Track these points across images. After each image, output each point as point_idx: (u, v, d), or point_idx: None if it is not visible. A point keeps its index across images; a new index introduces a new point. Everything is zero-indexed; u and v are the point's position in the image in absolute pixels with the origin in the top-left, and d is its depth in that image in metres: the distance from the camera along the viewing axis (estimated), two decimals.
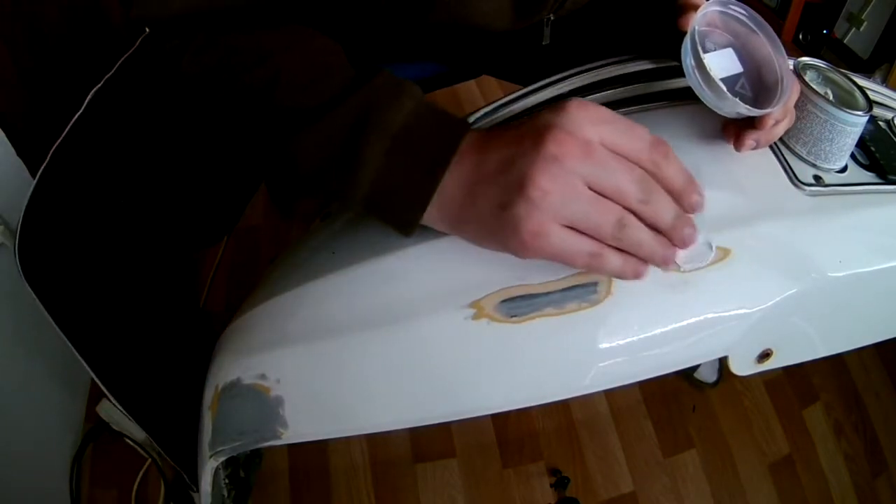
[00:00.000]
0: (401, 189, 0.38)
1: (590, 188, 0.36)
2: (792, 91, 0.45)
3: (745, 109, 0.43)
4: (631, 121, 0.37)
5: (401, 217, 0.40)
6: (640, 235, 0.37)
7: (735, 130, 0.47)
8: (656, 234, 0.38)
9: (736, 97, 0.43)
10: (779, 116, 0.46)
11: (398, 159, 0.38)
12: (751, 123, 0.46)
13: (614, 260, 0.38)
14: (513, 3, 0.55)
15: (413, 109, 0.39)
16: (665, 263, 0.39)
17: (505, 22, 0.56)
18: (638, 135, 0.37)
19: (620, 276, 0.39)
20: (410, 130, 0.39)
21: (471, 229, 0.39)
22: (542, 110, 0.38)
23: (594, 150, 0.36)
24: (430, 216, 0.39)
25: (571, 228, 0.36)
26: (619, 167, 0.36)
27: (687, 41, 0.44)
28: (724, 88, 0.43)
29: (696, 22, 0.44)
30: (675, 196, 0.38)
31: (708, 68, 0.43)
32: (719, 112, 0.45)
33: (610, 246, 0.37)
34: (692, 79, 0.45)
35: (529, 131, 0.37)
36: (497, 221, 0.37)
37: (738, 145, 0.46)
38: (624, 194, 0.36)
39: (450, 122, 0.40)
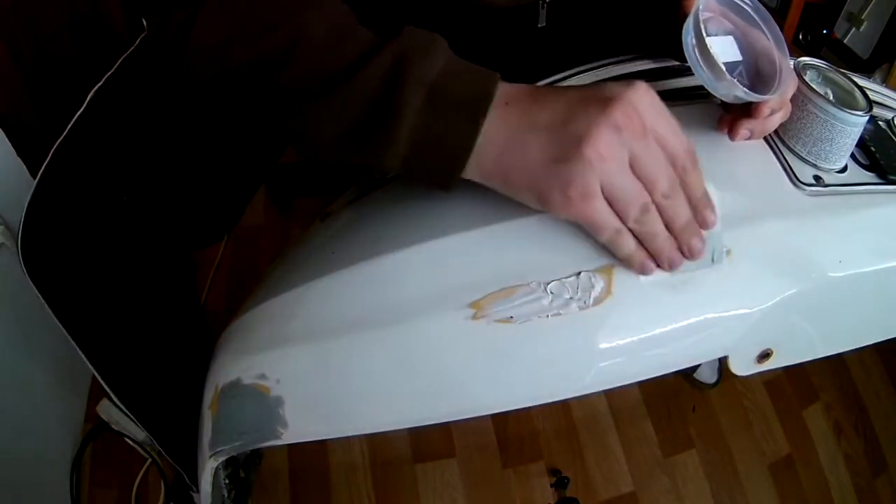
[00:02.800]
0: (442, 139, 0.38)
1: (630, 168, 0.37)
2: (789, 83, 0.45)
3: (741, 92, 0.43)
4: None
5: (443, 170, 0.39)
6: (657, 227, 0.39)
7: (730, 120, 0.47)
8: (669, 235, 0.40)
9: None
10: (775, 106, 0.46)
11: (437, 110, 0.38)
12: (746, 113, 0.46)
13: (630, 244, 0.39)
14: None
15: (445, 60, 0.39)
16: (669, 266, 0.40)
17: None
18: (680, 138, 0.39)
19: (628, 263, 0.40)
20: (446, 80, 0.38)
21: (511, 179, 0.39)
22: (609, 82, 0.39)
23: (648, 134, 0.37)
24: (468, 166, 0.39)
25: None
26: (660, 158, 0.38)
27: (690, 19, 0.44)
28: (724, 68, 0.43)
29: (701, 2, 0.44)
30: (692, 206, 0.40)
31: (709, 46, 0.43)
32: (715, 94, 0.45)
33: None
34: (691, 57, 0.45)
35: (596, 95, 0.38)
36: (545, 173, 0.37)
37: (732, 134, 0.47)
38: (654, 184, 0.38)
39: (483, 72, 0.40)
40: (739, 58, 0.46)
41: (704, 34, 0.43)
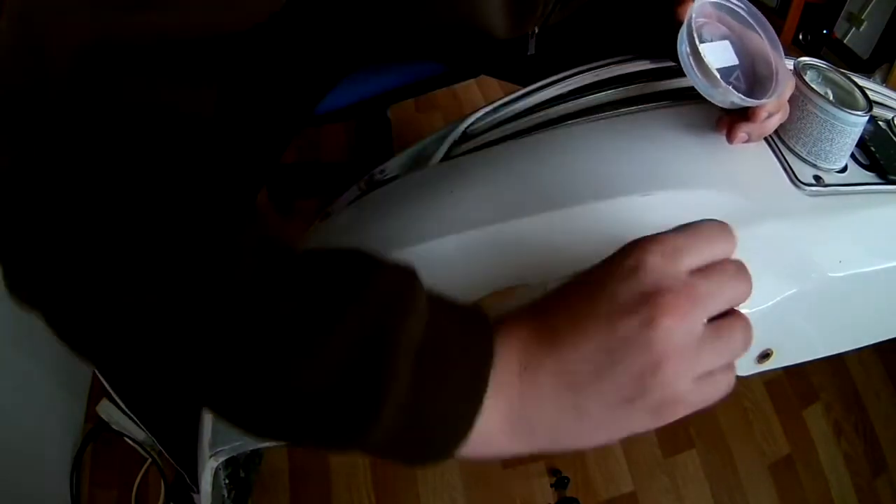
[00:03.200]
0: (440, 410, 0.30)
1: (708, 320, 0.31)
2: (787, 85, 0.46)
3: (737, 98, 0.43)
4: (685, 225, 0.33)
5: (435, 446, 0.30)
6: (748, 327, 0.33)
7: (728, 122, 0.47)
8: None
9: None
10: (772, 109, 0.45)
11: (429, 377, 0.29)
12: (744, 116, 0.46)
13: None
14: (510, 7, 0.55)
15: (432, 310, 0.31)
16: None
17: (501, 27, 0.56)
18: (705, 235, 0.33)
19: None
20: (436, 336, 0.30)
21: (566, 444, 0.32)
22: (602, 270, 0.32)
23: (695, 288, 0.30)
24: (480, 430, 0.30)
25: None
26: (720, 284, 0.32)
27: (683, 28, 0.44)
28: (718, 76, 0.43)
29: (694, 10, 0.44)
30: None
31: (703, 54, 0.43)
32: (712, 100, 0.45)
33: None
34: (686, 66, 0.45)
35: (619, 307, 0.30)
36: (621, 414, 0.31)
37: (730, 137, 0.47)
38: (734, 301, 0.32)
39: (474, 317, 0.33)
40: (735, 62, 0.47)
41: (698, 42, 0.44)
